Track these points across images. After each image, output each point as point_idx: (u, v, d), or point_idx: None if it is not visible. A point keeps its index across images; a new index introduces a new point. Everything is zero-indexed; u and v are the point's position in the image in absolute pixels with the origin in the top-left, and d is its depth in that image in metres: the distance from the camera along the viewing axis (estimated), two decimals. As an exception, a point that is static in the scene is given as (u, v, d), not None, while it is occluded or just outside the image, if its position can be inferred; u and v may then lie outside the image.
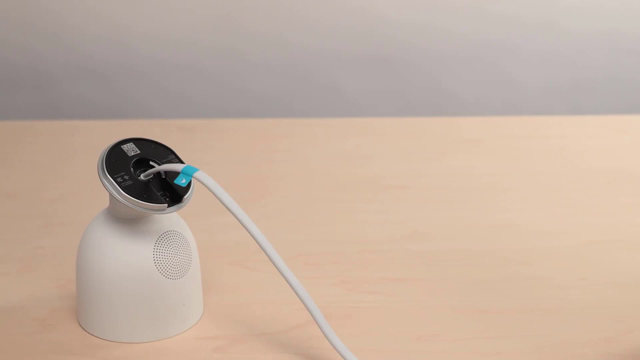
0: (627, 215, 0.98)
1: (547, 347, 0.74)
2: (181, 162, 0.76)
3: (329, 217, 0.97)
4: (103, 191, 0.74)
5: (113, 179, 0.73)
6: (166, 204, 0.73)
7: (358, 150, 1.13)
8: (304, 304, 0.73)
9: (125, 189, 0.72)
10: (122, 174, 0.73)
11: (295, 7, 1.47)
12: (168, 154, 0.76)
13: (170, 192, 0.74)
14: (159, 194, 0.74)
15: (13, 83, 1.49)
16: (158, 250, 0.75)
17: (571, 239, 0.92)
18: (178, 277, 0.76)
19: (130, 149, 0.75)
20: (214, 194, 0.73)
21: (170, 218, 0.77)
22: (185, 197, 0.74)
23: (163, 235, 0.76)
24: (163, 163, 0.75)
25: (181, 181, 0.73)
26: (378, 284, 0.85)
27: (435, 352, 0.75)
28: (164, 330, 0.77)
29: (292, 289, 0.73)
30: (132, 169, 0.74)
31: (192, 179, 0.74)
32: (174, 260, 0.76)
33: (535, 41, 1.49)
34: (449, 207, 0.99)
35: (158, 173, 0.75)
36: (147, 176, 0.74)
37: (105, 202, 0.77)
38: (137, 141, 0.76)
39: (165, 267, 0.75)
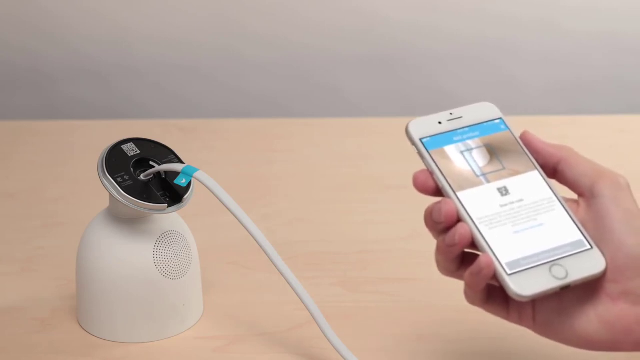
0: (627, 215, 0.98)
1: (547, 347, 0.74)
2: (181, 162, 0.76)
3: (329, 217, 0.97)
4: (103, 191, 0.74)
5: (113, 179, 0.73)
6: (166, 204, 0.73)
7: (358, 150, 1.13)
8: (304, 304, 0.73)
9: (125, 189, 0.72)
10: (122, 174, 0.73)
11: (295, 7, 1.46)
12: (168, 154, 0.76)
13: (170, 192, 0.74)
14: (159, 194, 0.74)
15: (12, 83, 1.49)
16: (158, 250, 0.75)
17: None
18: (178, 277, 0.76)
19: (130, 149, 0.75)
20: (214, 194, 0.73)
21: (170, 218, 0.77)
22: (185, 197, 0.74)
23: (163, 235, 0.76)
24: (163, 163, 0.75)
25: (181, 181, 0.73)
26: (378, 284, 0.85)
27: (435, 352, 0.75)
28: (164, 330, 0.77)
29: (292, 289, 0.73)
30: (132, 169, 0.74)
31: (192, 179, 0.74)
32: (174, 260, 0.76)
33: (535, 41, 1.49)
34: (449, 207, 0.99)
35: (158, 173, 0.75)
36: (147, 176, 0.74)
37: (105, 202, 0.77)
38: (137, 141, 0.76)
39: (165, 267, 0.75)
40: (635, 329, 0.56)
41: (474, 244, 0.58)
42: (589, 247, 0.58)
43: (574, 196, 0.61)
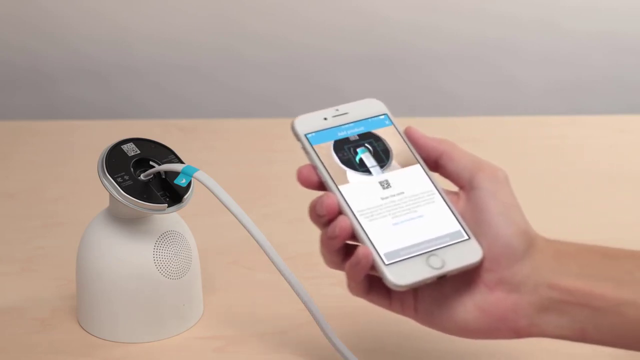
0: (627, 215, 0.98)
1: (547, 347, 0.74)
2: (181, 162, 0.76)
3: (329, 217, 0.97)
4: (103, 191, 0.74)
5: (113, 179, 0.73)
6: (166, 204, 0.73)
7: (358, 150, 1.12)
8: (304, 303, 0.73)
9: (125, 189, 0.72)
10: (122, 174, 0.73)
11: (295, 7, 1.46)
12: (168, 154, 0.76)
13: (170, 192, 0.74)
14: (159, 194, 0.74)
15: (13, 83, 1.49)
16: (158, 250, 0.75)
17: (571, 239, 0.92)
18: (178, 277, 0.76)
19: (130, 149, 0.75)
20: (214, 194, 0.73)
21: (170, 218, 0.77)
22: (185, 197, 0.74)
23: (163, 235, 0.76)
24: (163, 163, 0.75)
25: (181, 181, 0.73)
26: (378, 284, 0.84)
27: (435, 352, 0.75)
28: (164, 330, 0.77)
29: (292, 288, 0.73)
30: (132, 169, 0.74)
31: (192, 179, 0.74)
32: (174, 260, 0.76)
33: (535, 41, 1.49)
34: (449, 207, 0.99)
35: (158, 173, 0.75)
36: (147, 176, 0.74)
37: (105, 202, 0.77)
38: (137, 141, 0.76)
39: (165, 267, 0.75)
40: (510, 316, 0.58)
41: (355, 236, 0.59)
42: (466, 237, 0.59)
43: (456, 189, 0.62)
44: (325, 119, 0.63)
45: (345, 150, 0.62)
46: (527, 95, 1.51)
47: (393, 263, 0.58)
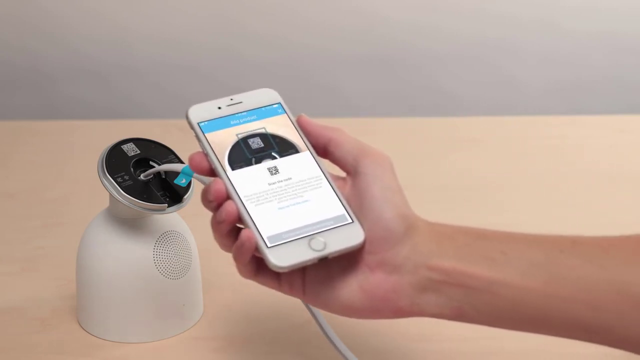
0: (627, 215, 0.98)
1: (547, 347, 0.74)
2: (181, 162, 0.76)
3: (329, 217, 0.97)
4: (103, 191, 0.74)
5: (113, 179, 0.73)
6: (166, 204, 0.73)
7: (358, 150, 1.12)
8: (304, 304, 0.72)
9: (125, 189, 0.72)
10: (122, 174, 0.73)
11: (295, 7, 1.46)
12: (168, 154, 0.76)
13: (170, 192, 0.75)
14: (159, 194, 0.74)
15: (13, 83, 1.49)
16: (158, 250, 0.75)
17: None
18: (178, 277, 0.76)
19: (130, 149, 0.75)
20: (214, 194, 0.72)
21: (170, 218, 0.77)
22: (185, 197, 0.74)
23: (163, 235, 0.76)
24: (163, 163, 0.75)
25: (181, 181, 0.73)
26: (378, 284, 0.84)
27: (435, 352, 0.75)
28: (164, 330, 0.77)
29: (292, 289, 0.73)
30: (132, 169, 0.74)
31: (192, 179, 0.74)
32: (174, 260, 0.76)
33: (535, 41, 1.49)
34: (449, 207, 0.99)
35: (158, 173, 0.75)
36: (147, 176, 0.74)
37: (105, 202, 0.77)
38: (137, 141, 0.76)
39: (165, 267, 0.75)
40: (391, 296, 0.59)
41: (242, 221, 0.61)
42: (350, 221, 0.61)
43: (345, 175, 0.63)
44: (220, 108, 0.65)
45: (237, 137, 0.63)
46: (527, 95, 1.51)
47: (275, 246, 0.59)
